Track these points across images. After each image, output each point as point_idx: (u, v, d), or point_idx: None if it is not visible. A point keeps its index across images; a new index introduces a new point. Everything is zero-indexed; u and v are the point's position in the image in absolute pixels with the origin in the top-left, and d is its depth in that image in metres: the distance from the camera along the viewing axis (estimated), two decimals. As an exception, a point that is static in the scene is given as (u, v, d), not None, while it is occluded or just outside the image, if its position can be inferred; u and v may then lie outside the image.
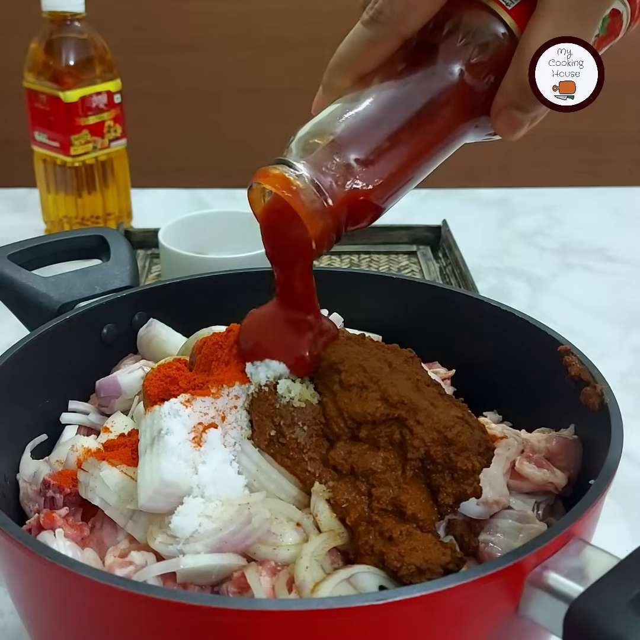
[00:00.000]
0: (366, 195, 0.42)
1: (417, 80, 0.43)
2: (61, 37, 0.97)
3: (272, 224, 0.45)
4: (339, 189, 0.41)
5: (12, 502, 0.50)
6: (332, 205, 0.41)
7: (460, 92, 0.43)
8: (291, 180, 0.41)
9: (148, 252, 1.02)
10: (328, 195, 0.41)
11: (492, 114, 0.44)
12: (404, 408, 0.43)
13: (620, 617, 0.33)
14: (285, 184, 0.41)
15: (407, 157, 0.43)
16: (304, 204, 0.41)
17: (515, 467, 0.49)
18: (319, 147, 0.42)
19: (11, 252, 0.63)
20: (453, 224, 1.06)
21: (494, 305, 0.59)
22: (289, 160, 0.42)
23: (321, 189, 0.41)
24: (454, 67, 0.43)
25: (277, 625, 0.35)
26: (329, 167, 0.41)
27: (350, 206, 0.42)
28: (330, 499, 0.43)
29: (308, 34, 1.57)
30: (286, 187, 0.41)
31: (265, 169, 0.42)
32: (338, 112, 0.43)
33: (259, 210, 0.45)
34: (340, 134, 0.42)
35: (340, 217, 0.42)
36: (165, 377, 0.52)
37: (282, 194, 0.41)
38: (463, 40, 0.43)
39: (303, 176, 0.41)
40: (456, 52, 0.43)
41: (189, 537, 0.41)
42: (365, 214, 0.43)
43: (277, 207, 0.43)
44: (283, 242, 0.45)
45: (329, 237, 0.42)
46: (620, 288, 1.00)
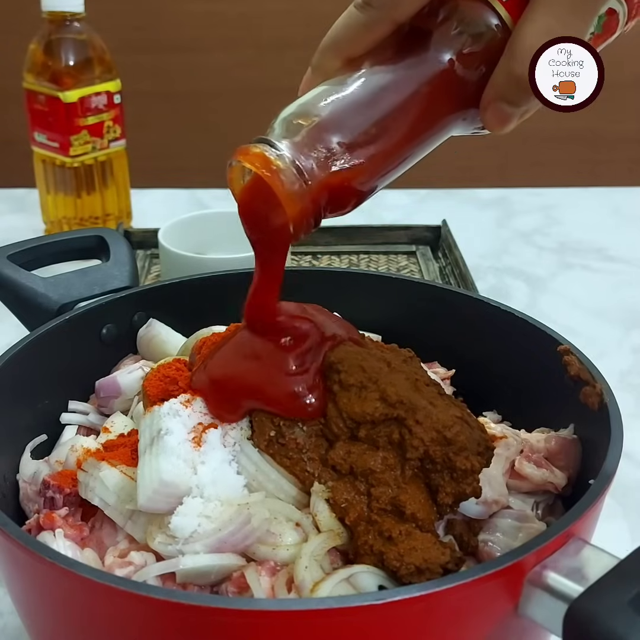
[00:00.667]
0: (347, 180, 0.41)
1: (407, 67, 0.43)
2: (60, 38, 0.97)
3: (250, 204, 0.44)
4: (320, 171, 0.40)
5: (11, 502, 0.50)
6: (312, 188, 0.40)
7: (449, 81, 0.43)
8: (271, 160, 0.40)
9: (147, 253, 1.02)
10: (308, 178, 0.40)
11: (481, 106, 0.43)
12: (403, 408, 0.43)
13: (620, 617, 0.33)
14: (265, 163, 0.40)
15: (392, 144, 0.42)
16: (283, 184, 0.40)
17: (515, 467, 0.49)
18: (302, 128, 0.41)
19: (11, 252, 0.63)
20: (452, 224, 1.06)
21: (494, 305, 0.59)
22: (270, 139, 0.41)
23: (302, 171, 0.40)
24: (445, 55, 0.42)
25: (276, 625, 0.35)
26: (312, 149, 0.40)
27: (330, 190, 0.41)
28: (329, 498, 0.43)
29: (308, 34, 1.57)
30: (266, 167, 0.40)
31: (245, 147, 0.41)
32: (324, 94, 0.42)
33: (237, 190, 0.44)
34: (325, 116, 0.41)
35: (320, 201, 0.41)
36: (165, 377, 0.52)
37: (262, 173, 0.40)
38: (457, 29, 0.42)
39: (284, 156, 0.40)
40: (449, 40, 0.43)
41: (188, 537, 0.41)
42: (345, 200, 0.42)
43: (256, 187, 0.42)
44: (260, 223, 0.44)
45: (307, 221, 0.41)
46: (619, 287, 1.00)
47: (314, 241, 1.03)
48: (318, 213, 0.42)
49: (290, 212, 0.40)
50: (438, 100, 0.43)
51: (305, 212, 0.41)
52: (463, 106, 0.44)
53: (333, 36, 0.44)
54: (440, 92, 0.43)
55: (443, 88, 0.43)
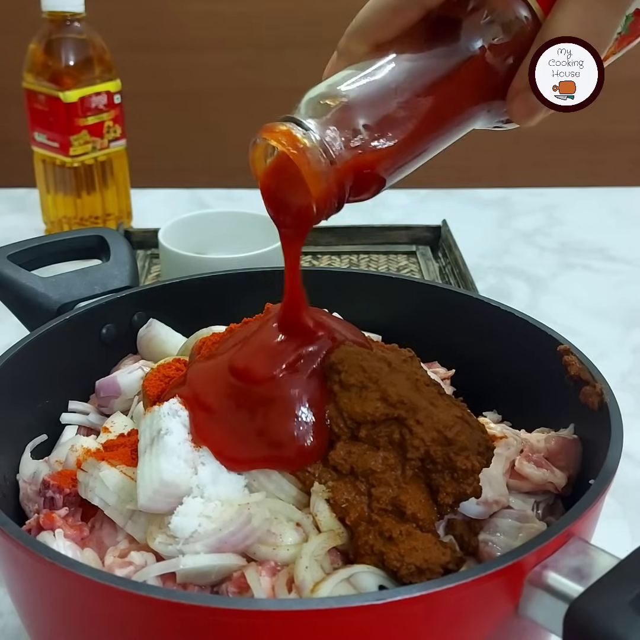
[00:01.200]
0: (373, 163, 0.41)
1: (435, 54, 0.43)
2: (61, 38, 0.97)
3: (273, 183, 0.43)
4: (347, 152, 0.40)
5: (11, 502, 0.50)
6: (337, 168, 0.40)
7: (478, 70, 0.43)
8: (298, 138, 0.40)
9: (148, 252, 1.02)
10: (334, 158, 0.40)
11: (509, 97, 0.43)
12: (404, 408, 0.43)
13: (620, 617, 0.33)
14: (292, 141, 0.40)
15: (418, 130, 0.42)
16: (309, 162, 0.39)
17: (515, 467, 0.49)
18: (329, 109, 0.40)
19: (11, 252, 0.63)
20: (453, 224, 1.06)
21: (494, 305, 0.59)
22: (297, 118, 0.40)
23: (328, 150, 0.40)
24: (475, 44, 0.42)
25: (277, 625, 0.35)
26: (338, 130, 0.40)
27: (355, 172, 0.41)
28: (329, 499, 0.43)
29: (308, 34, 1.57)
30: (292, 144, 0.40)
31: (271, 125, 0.41)
32: (352, 76, 0.42)
33: (260, 170, 0.44)
34: (352, 98, 0.41)
35: (344, 183, 0.41)
36: (165, 377, 0.52)
37: (288, 150, 0.40)
38: (488, 18, 0.42)
39: (311, 135, 0.40)
40: (479, 29, 0.42)
41: (188, 537, 0.41)
42: (369, 184, 0.42)
43: (280, 165, 0.42)
44: (283, 203, 0.44)
45: (331, 202, 0.41)
46: (620, 288, 1.00)
47: (314, 241, 1.03)
48: (342, 195, 0.41)
49: (314, 192, 0.40)
50: (465, 88, 0.43)
51: (329, 193, 0.41)
52: (489, 97, 0.44)
53: (360, 20, 0.44)
54: (468, 80, 0.43)
55: (471, 77, 0.42)
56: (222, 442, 0.45)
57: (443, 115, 0.43)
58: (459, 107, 0.43)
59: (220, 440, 0.45)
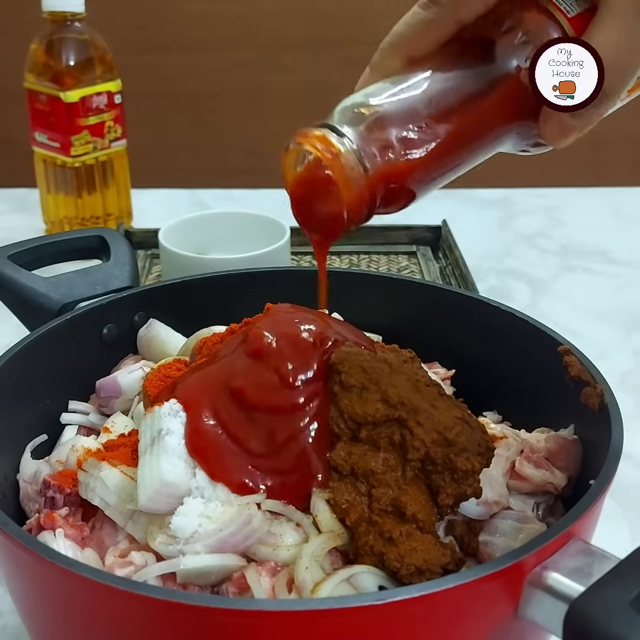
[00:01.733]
0: (404, 174, 0.41)
1: (469, 73, 0.43)
2: (61, 38, 0.97)
3: (306, 187, 0.43)
4: (380, 161, 0.40)
5: (12, 502, 0.50)
6: (369, 176, 0.40)
7: (512, 90, 0.43)
8: (333, 143, 0.40)
9: (148, 253, 1.02)
10: (368, 165, 0.40)
11: (542, 118, 0.43)
12: (404, 409, 0.43)
13: (620, 617, 0.33)
14: (327, 146, 0.40)
15: (448, 146, 0.42)
16: (344, 168, 0.40)
17: (515, 468, 0.49)
18: (364, 118, 0.41)
19: (11, 252, 0.63)
20: (453, 224, 1.05)
21: (494, 305, 0.59)
22: (332, 124, 0.41)
23: (362, 157, 0.40)
24: (509, 64, 0.43)
25: (277, 626, 0.35)
26: (372, 139, 0.40)
27: (386, 182, 0.41)
28: (330, 499, 0.43)
29: (308, 34, 1.58)
30: (327, 149, 0.40)
31: (306, 129, 0.41)
32: (387, 89, 0.42)
33: (291, 176, 0.44)
34: (387, 109, 0.41)
35: (376, 191, 0.41)
36: (166, 377, 0.52)
37: (322, 154, 0.40)
38: (522, 38, 0.43)
39: (345, 141, 0.40)
40: (514, 49, 0.43)
41: (189, 538, 0.41)
42: (399, 196, 0.42)
43: (314, 170, 0.42)
44: (314, 209, 0.44)
45: (361, 210, 0.41)
46: (621, 290, 1.00)
47: (314, 241, 1.03)
48: (372, 203, 0.41)
49: (347, 197, 0.40)
50: (498, 108, 0.43)
51: (360, 199, 0.41)
52: (520, 117, 0.44)
53: (395, 35, 0.44)
54: (500, 100, 0.43)
55: (504, 96, 0.43)
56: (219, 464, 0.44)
57: (475, 132, 0.43)
58: (491, 125, 0.43)
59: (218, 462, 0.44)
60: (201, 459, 0.43)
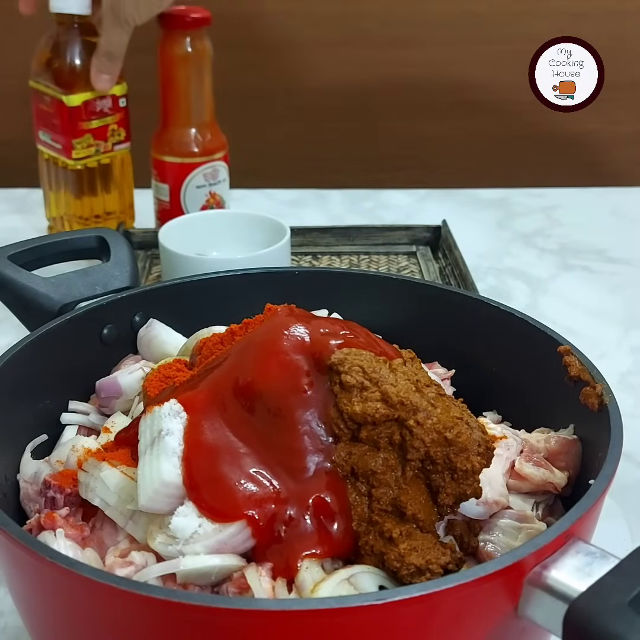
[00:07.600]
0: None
1: None
2: (67, 40, 0.97)
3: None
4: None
5: (12, 502, 0.50)
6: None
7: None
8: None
9: (148, 253, 1.02)
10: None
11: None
12: (404, 409, 0.43)
13: (619, 617, 0.33)
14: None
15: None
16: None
17: (515, 467, 0.49)
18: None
19: (11, 252, 0.63)
20: (453, 225, 1.06)
21: (494, 305, 0.59)
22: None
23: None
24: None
25: (277, 625, 0.35)
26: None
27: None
28: (330, 499, 0.43)
29: (307, 35, 1.57)
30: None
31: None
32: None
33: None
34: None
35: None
36: (166, 377, 0.52)
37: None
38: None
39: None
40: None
41: (188, 538, 0.41)
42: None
43: None
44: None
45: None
46: (619, 288, 1.00)
47: (314, 241, 1.03)
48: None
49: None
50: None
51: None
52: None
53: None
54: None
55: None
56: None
57: None
58: None
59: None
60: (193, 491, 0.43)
